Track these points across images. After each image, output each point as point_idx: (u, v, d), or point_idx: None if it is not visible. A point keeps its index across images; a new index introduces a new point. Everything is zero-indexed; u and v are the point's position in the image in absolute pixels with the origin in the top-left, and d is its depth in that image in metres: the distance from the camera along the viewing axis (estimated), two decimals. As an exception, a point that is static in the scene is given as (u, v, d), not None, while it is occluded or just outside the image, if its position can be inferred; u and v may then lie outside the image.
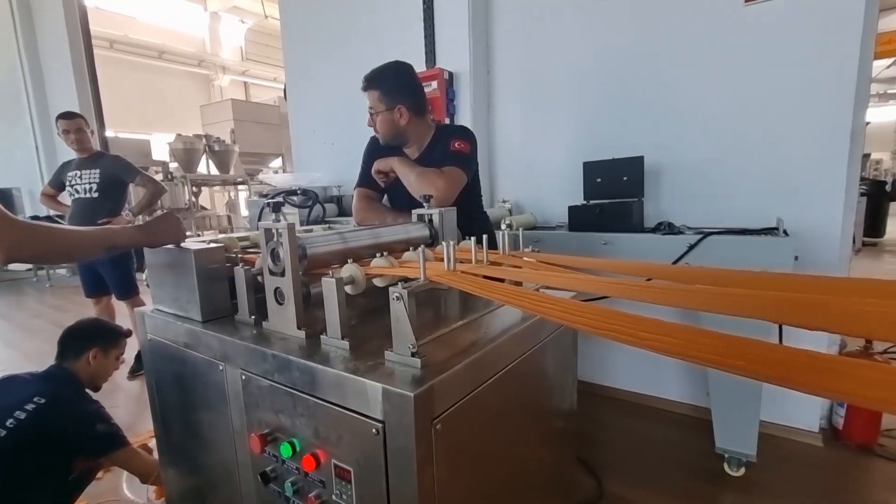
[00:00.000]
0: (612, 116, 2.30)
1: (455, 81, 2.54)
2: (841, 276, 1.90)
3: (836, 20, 1.69)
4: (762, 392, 1.73)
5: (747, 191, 1.96)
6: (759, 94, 1.92)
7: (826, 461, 1.95)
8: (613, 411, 2.42)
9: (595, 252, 1.95)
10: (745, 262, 1.66)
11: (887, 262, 6.44)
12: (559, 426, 1.18)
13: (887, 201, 7.60)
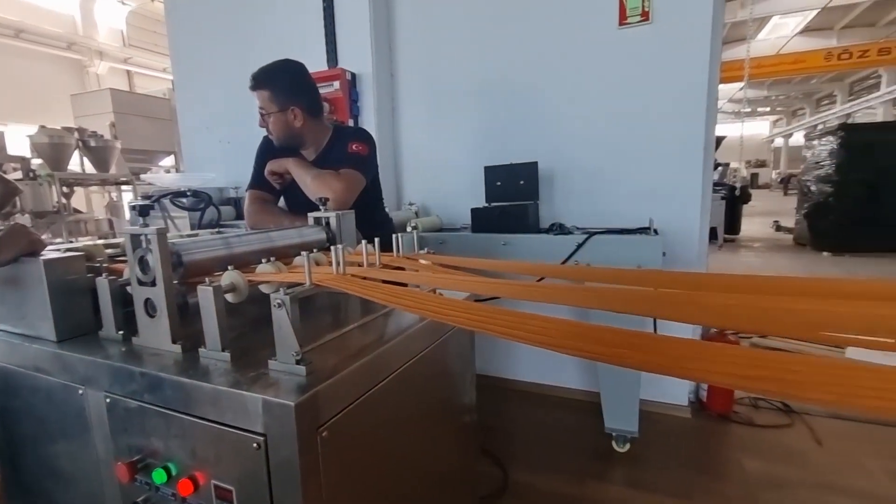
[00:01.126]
0: (509, 124, 2.43)
1: (358, 83, 2.51)
2: (701, 269, 2.21)
3: (689, 48, 1.96)
4: (641, 375, 1.94)
5: (626, 195, 2.19)
6: (633, 109, 2.15)
7: (694, 430, 2.23)
8: (518, 403, 2.55)
9: (496, 252, 2.05)
10: (624, 258, 1.85)
11: (743, 255, 7.53)
12: (460, 422, 1.22)
13: (741, 204, 8.90)
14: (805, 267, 6.38)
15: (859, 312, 0.72)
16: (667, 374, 0.48)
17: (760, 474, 1.87)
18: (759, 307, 0.70)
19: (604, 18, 2.09)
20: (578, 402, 2.48)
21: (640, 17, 1.95)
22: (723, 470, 1.94)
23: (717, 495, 1.76)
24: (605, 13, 2.08)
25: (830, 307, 0.76)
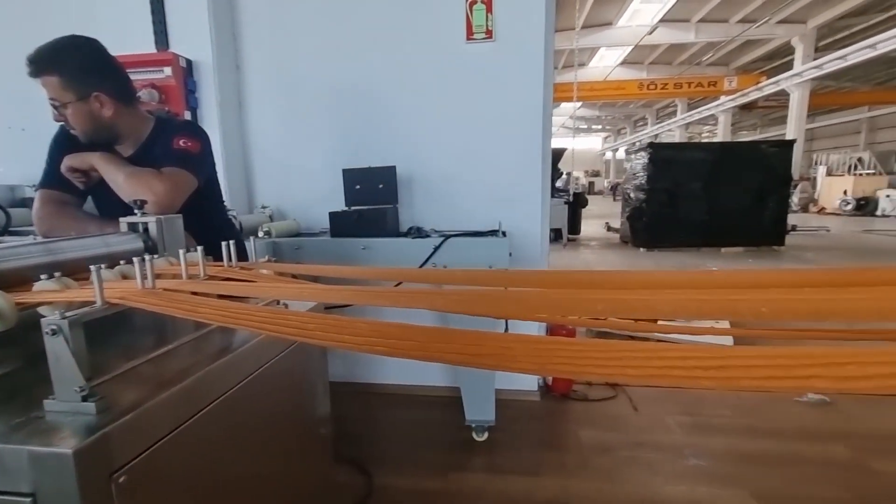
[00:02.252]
0: (368, 127, 2.41)
1: (196, 71, 2.24)
2: (543, 266, 2.47)
3: (527, 68, 2.18)
4: (495, 366, 2.09)
5: (479, 199, 2.34)
6: (483, 119, 2.30)
7: (542, 411, 2.48)
8: (384, 407, 2.54)
9: (355, 256, 2.01)
10: (478, 258, 1.97)
11: (583, 252, 8.64)
12: (312, 436, 1.16)
13: (580, 208, 10.22)
14: (628, 260, 7.58)
15: (668, 299, 0.86)
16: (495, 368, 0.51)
17: (593, 442, 2.15)
18: (584, 299, 0.79)
19: (453, 32, 2.20)
20: (442, 399, 2.56)
21: (485, 35, 2.11)
22: (563, 443, 2.19)
23: (559, 467, 1.97)
24: (454, 27, 2.19)
25: (644, 296, 0.89)
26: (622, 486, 1.84)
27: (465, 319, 0.99)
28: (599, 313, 0.99)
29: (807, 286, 0.92)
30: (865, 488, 1.77)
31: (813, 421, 2.24)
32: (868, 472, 1.86)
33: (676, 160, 8.15)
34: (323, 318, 0.57)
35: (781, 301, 0.90)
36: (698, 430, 2.23)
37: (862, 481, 1.81)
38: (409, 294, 0.91)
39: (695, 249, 8.11)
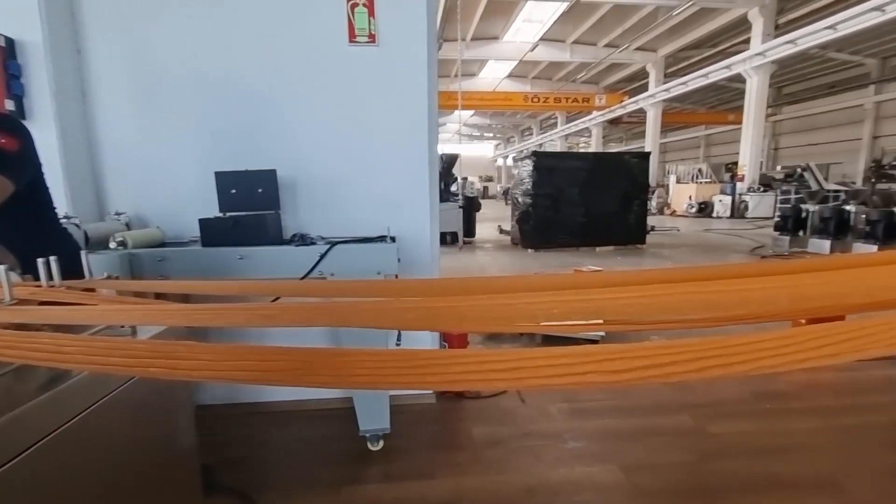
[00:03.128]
0: (246, 128, 2.25)
1: (21, 53, 1.88)
2: (434, 270, 2.51)
3: (411, 74, 2.21)
4: (388, 373, 2.07)
5: (367, 204, 2.30)
6: (370, 124, 2.28)
7: (438, 413, 2.51)
8: (275, 426, 2.38)
9: (231, 267, 1.85)
10: (366, 265, 1.94)
11: (478, 254, 9.00)
12: (171, 472, 1.03)
13: (474, 212, 10.65)
14: (518, 260, 8.07)
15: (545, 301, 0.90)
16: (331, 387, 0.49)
17: (484, 437, 2.24)
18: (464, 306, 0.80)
19: (335, 33, 2.14)
20: (336, 412, 2.47)
21: (368, 38, 2.09)
22: (457, 442, 2.24)
23: (453, 466, 2.02)
24: (337, 28, 2.14)
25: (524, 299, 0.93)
26: (511, 477, 1.94)
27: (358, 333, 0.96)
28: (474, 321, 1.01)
29: (655, 283, 1.05)
30: (704, 449, 2.08)
31: (667, 397, 2.58)
32: (707, 436, 2.20)
33: (558, 168, 8.90)
34: (156, 345, 0.50)
35: (627, 299, 1.01)
36: (576, 415, 2.44)
37: (702, 444, 2.13)
38: (287, 311, 0.85)
39: (574, 249, 8.92)
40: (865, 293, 0.93)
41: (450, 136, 43.14)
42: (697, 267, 1.01)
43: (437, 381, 0.47)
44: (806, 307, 0.95)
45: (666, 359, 0.70)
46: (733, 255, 8.51)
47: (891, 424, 2.24)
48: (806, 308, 0.96)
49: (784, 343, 0.73)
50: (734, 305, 0.98)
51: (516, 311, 0.99)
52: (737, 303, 0.99)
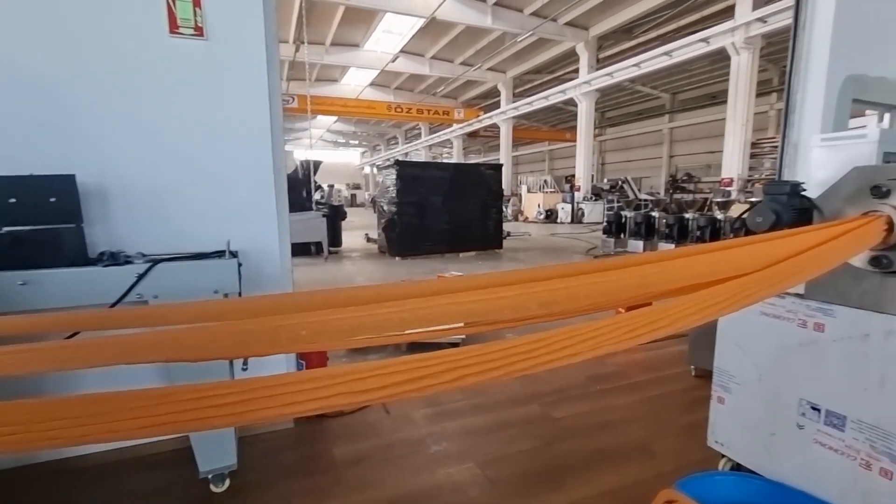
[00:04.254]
0: (27, 128, 1.82)
1: None
2: (286, 285, 2.34)
3: (248, 74, 2.03)
4: (232, 403, 1.85)
5: (201, 215, 2.05)
6: (201, 125, 2.03)
7: (297, 438, 2.34)
8: (89, 485, 1.95)
9: (10, 297, 1.47)
10: (200, 285, 1.71)
11: (345, 264, 8.75)
12: None
13: (340, 220, 10.37)
14: (385, 269, 8.06)
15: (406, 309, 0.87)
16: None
17: (347, 455, 2.15)
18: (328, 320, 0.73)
19: (150, 22, 1.86)
20: (168, 455, 2.14)
21: (194, 31, 1.86)
22: (318, 466, 2.12)
23: (313, 492, 1.89)
24: (152, 16, 1.86)
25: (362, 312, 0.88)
26: (374, 493, 1.89)
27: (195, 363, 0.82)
28: (330, 336, 0.95)
29: (507, 284, 1.11)
30: (549, 434, 2.31)
31: (518, 390, 2.80)
32: (551, 421, 2.44)
33: (422, 177, 9.16)
34: None
35: (486, 302, 1.06)
36: (439, 418, 2.49)
37: (547, 429, 2.36)
38: (85, 347, 0.69)
39: (440, 255, 9.26)
40: (669, 282, 1.12)
41: (314, 142, 41.47)
42: (542, 268, 1.11)
43: (288, 410, 0.41)
44: (629, 296, 1.11)
45: (419, 372, 0.74)
46: (574, 256, 9.72)
47: (683, 391, 2.75)
48: (628, 297, 1.12)
49: (534, 346, 0.82)
50: (571, 299, 1.10)
51: (375, 321, 0.96)
52: (573, 297, 1.11)
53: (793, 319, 1.48)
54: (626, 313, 1.04)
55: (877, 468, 1.32)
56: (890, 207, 1.19)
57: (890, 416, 1.28)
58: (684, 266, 1.08)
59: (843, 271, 1.34)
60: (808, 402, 1.47)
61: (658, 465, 2.01)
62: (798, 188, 1.36)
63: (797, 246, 1.16)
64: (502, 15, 14.95)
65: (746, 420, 1.69)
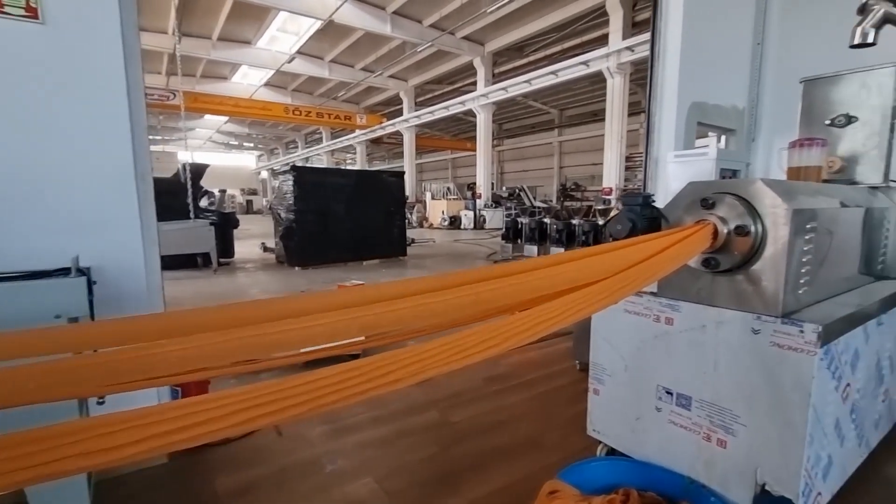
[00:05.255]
0: None
1: None
2: (157, 304, 2.09)
3: (101, 67, 1.78)
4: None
5: (40, 226, 1.75)
6: (46, 126, 1.73)
7: (172, 473, 2.08)
8: None
9: None
10: (35, 309, 1.45)
11: (238, 276, 8.11)
12: None
13: (231, 228, 9.59)
14: (283, 281, 7.62)
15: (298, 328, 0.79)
16: None
17: (232, 487, 1.97)
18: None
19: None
20: (1, 514, 1.78)
21: (26, 12, 1.59)
22: (197, 503, 1.91)
23: (187, 535, 1.70)
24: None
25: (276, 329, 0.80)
26: (260, 525, 1.75)
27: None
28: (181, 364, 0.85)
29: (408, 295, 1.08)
30: (447, 438, 2.34)
31: (418, 397, 2.80)
32: (449, 425, 2.47)
33: (323, 183, 8.85)
34: None
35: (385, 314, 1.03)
36: (336, 434, 2.40)
37: (445, 434, 2.39)
38: None
39: (343, 264, 9.00)
40: (552, 286, 1.19)
41: (202, 144, 38.01)
42: (444, 275, 1.12)
43: (156, 444, 0.34)
44: (520, 301, 1.16)
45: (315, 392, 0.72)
46: (477, 261, 10.07)
47: (570, 384, 2.98)
48: (518, 302, 1.18)
49: (432, 353, 0.83)
50: (472, 305, 1.13)
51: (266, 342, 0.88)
52: (473, 303, 1.14)
53: (649, 315, 1.68)
54: (513, 316, 1.10)
55: (715, 439, 1.54)
56: (715, 217, 1.40)
57: (722, 395, 1.50)
58: (564, 271, 1.17)
59: (685, 271, 1.55)
60: (664, 387, 1.67)
61: (546, 456, 2.14)
62: (649, 199, 1.55)
63: (649, 250, 1.32)
64: (402, 24, 15.10)
65: (617, 408, 1.87)
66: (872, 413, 1.83)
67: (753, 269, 1.39)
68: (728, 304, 1.46)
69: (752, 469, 1.44)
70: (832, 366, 1.39)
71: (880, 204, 1.95)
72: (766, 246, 1.36)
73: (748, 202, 1.36)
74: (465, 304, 1.05)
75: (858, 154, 2.06)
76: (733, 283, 1.44)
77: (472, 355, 0.95)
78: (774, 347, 1.35)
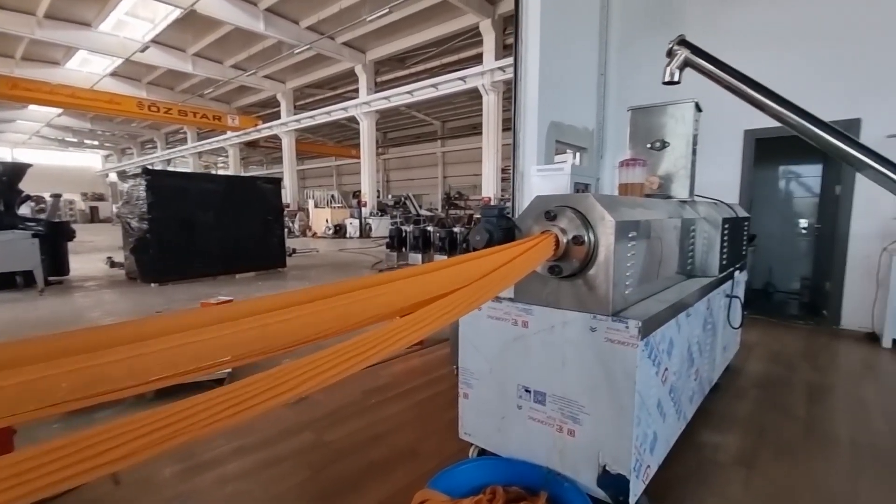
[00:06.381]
0: None
1: None
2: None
3: None
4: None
5: None
6: None
7: None
8: None
9: None
10: None
11: (75, 296, 6.85)
12: None
13: (66, 240, 8.09)
14: (136, 300, 6.63)
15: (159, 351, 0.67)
16: None
17: (47, 559, 1.63)
18: None
19: None
20: None
21: None
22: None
23: None
24: None
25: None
26: None
27: None
28: None
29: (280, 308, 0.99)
30: (321, 460, 2.23)
31: (290, 419, 2.63)
32: (323, 446, 2.36)
33: (185, 189, 7.92)
34: None
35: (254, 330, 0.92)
36: (191, 473, 2.13)
37: (320, 456, 2.27)
38: None
39: (212, 278, 8.15)
40: (423, 294, 1.20)
41: (27, 139, 31.64)
42: (323, 286, 1.05)
43: None
44: (401, 306, 1.15)
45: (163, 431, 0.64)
46: (363, 270, 9.88)
47: (448, 390, 3.05)
48: (388, 311, 1.16)
49: (204, 407, 0.78)
50: (351, 315, 1.07)
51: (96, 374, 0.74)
52: (353, 314, 1.08)
53: (508, 319, 1.79)
54: (386, 325, 1.10)
55: (566, 430, 1.69)
56: (557, 228, 1.55)
57: (570, 388, 1.66)
58: (432, 280, 1.22)
59: (536, 278, 1.69)
60: (523, 385, 1.80)
61: (422, 465, 2.15)
62: (504, 211, 1.66)
63: (503, 258, 1.40)
64: (276, 23, 14.31)
65: (484, 409, 1.96)
66: (687, 390, 2.18)
67: (590, 274, 1.57)
68: (571, 306, 1.62)
69: (595, 453, 1.62)
70: (652, 354, 1.62)
71: (689, 215, 2.35)
72: (598, 253, 1.54)
73: (583, 215, 1.53)
74: (347, 314, 1.03)
75: (672, 173, 2.47)
76: (574, 287, 1.61)
77: (344, 370, 0.94)
78: (608, 343, 1.53)
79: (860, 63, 4.29)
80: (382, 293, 1.12)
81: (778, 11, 4.68)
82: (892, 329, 3.98)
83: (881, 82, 4.21)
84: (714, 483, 2.02)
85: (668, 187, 2.47)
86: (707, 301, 2.31)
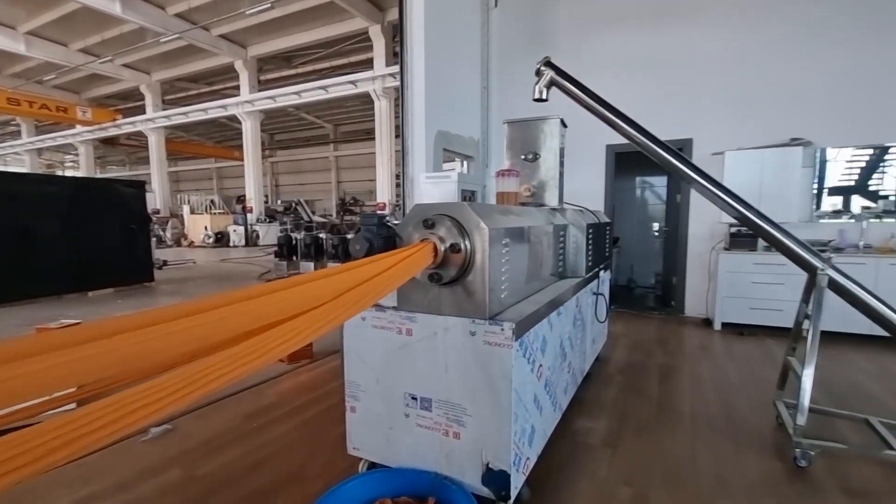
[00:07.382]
0: None
1: None
2: None
3: None
4: None
5: None
6: None
7: None
8: None
9: None
10: None
11: None
12: None
13: None
14: (-58, 331, 5.33)
15: None
16: None
17: None
18: None
19: None
20: None
21: None
22: None
23: None
24: None
25: None
26: None
27: None
28: None
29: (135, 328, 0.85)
30: (192, 498, 1.99)
31: (154, 455, 2.32)
32: (195, 481, 2.11)
33: (17, 194, 6.60)
34: None
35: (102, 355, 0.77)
36: (16, 539, 1.76)
37: (191, 493, 2.02)
38: None
39: (56, 298, 6.91)
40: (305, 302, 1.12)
41: None
42: (187, 303, 0.94)
43: None
44: (265, 323, 1.05)
45: None
46: (250, 281, 9.14)
47: (337, 404, 2.94)
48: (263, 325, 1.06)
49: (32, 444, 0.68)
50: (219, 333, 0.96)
51: None
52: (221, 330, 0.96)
53: (392, 328, 1.78)
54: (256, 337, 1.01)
55: (451, 433, 1.72)
56: (435, 237, 1.58)
57: (454, 392, 1.70)
58: (309, 290, 1.16)
59: (419, 285, 1.70)
60: (409, 393, 1.80)
61: (308, 487, 2.04)
62: (384, 219, 1.65)
63: (383, 266, 1.39)
64: (136, 6, 12.67)
65: (373, 421, 1.92)
66: (562, 382, 2.37)
67: (468, 280, 1.62)
68: (451, 311, 1.66)
69: (479, 453, 1.67)
70: (527, 353, 1.73)
71: (559, 221, 2.56)
72: (475, 260, 1.60)
73: (459, 223, 1.58)
74: (205, 335, 0.93)
75: (544, 182, 2.68)
76: (454, 294, 1.65)
77: (207, 384, 0.85)
78: (486, 345, 1.60)
79: (694, 90, 5.11)
80: (253, 308, 1.05)
81: (630, 42, 5.38)
82: (720, 314, 4.79)
83: (709, 108, 5.06)
84: (585, 465, 2.22)
85: (540, 196, 2.68)
86: (576, 299, 2.54)
